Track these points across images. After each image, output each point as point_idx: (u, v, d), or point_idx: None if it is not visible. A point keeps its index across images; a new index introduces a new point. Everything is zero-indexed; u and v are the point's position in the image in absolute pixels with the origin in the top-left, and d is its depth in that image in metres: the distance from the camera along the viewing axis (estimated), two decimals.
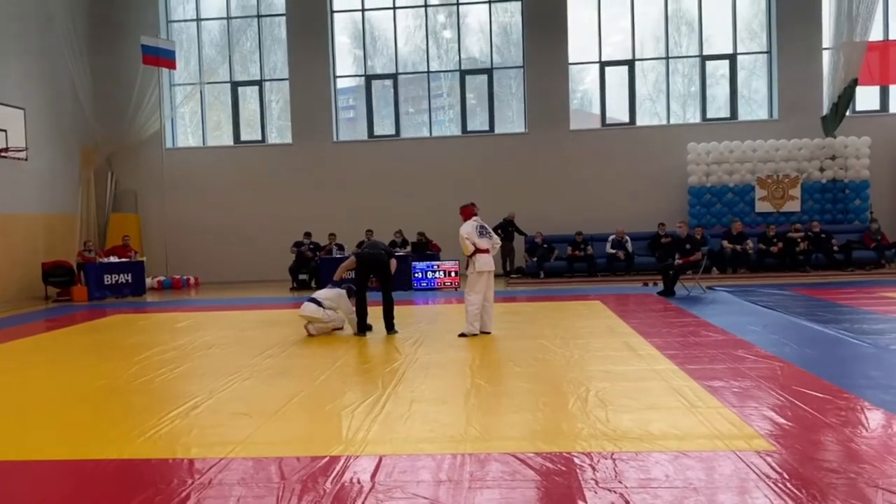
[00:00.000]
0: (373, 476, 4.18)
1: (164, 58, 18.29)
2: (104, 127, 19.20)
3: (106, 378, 7.22)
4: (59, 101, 18.08)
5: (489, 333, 9.08)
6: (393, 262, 9.64)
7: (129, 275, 16.44)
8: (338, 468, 4.32)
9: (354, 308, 9.50)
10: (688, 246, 13.01)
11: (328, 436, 5.04)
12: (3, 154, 14.17)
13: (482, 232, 9.10)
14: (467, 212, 9.31)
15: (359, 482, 4.09)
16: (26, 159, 15.10)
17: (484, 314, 9.05)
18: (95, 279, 15.90)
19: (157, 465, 4.54)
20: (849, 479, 3.91)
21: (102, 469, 4.51)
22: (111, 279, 16.14)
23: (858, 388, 5.84)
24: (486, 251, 9.04)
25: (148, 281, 17.31)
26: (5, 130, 14.18)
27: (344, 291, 9.77)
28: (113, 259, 16.48)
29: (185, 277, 18.52)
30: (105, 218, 19.60)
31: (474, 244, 8.97)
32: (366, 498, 3.86)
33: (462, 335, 8.94)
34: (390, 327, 9.47)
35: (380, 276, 9.54)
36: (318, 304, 9.53)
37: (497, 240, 9.46)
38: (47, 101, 17.49)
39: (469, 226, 9.07)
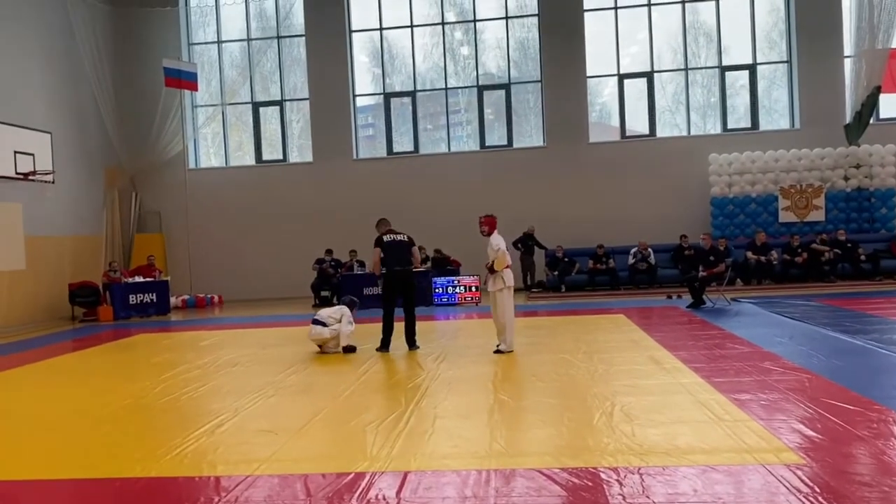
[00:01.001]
0: (398, 492, 4.17)
1: (185, 80, 18.55)
2: (128, 149, 19.50)
3: (132, 397, 7.29)
4: (84, 124, 18.41)
5: (512, 351, 8.95)
6: (416, 253, 9.63)
7: (154, 294, 16.62)
8: (363, 485, 4.31)
9: (352, 320, 9.62)
10: (712, 258, 12.90)
11: (353, 452, 5.03)
12: (30, 177, 14.42)
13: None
14: (493, 222, 9.06)
15: (384, 499, 4.08)
16: (53, 182, 15.36)
17: (508, 331, 8.89)
18: (121, 299, 16.09)
19: (183, 484, 4.56)
20: (882, 493, 3.83)
21: (129, 487, 4.54)
22: (136, 299, 16.32)
23: (889, 399, 5.73)
24: (509, 266, 8.92)
25: (172, 300, 17.47)
26: (33, 154, 14.43)
27: (345, 307, 9.83)
28: (138, 279, 16.68)
29: (209, 296, 18.68)
30: (130, 238, 19.85)
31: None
32: None
33: (502, 351, 8.76)
34: (412, 343, 9.45)
35: (406, 292, 9.51)
36: (323, 324, 9.57)
37: None
38: (73, 125, 17.81)
39: (502, 240, 8.89)
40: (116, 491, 4.51)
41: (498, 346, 8.88)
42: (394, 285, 9.47)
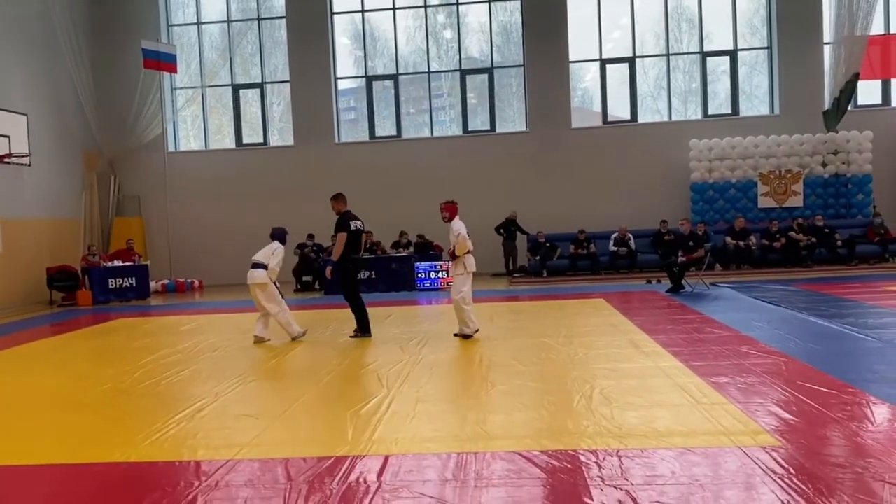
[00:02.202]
0: (379, 476, 4.19)
1: (165, 62, 18.30)
2: (106, 131, 19.25)
3: (111, 382, 7.24)
4: (62, 106, 18.12)
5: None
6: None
7: (134, 279, 16.49)
8: (344, 468, 4.33)
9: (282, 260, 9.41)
10: (691, 243, 13.00)
11: (334, 436, 5.04)
12: (6, 160, 14.19)
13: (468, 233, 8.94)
14: (455, 209, 9.07)
15: (365, 482, 4.10)
16: (29, 165, 15.13)
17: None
18: (100, 283, 15.95)
19: (163, 468, 4.55)
20: (856, 474, 3.91)
21: (110, 472, 4.52)
22: (115, 283, 16.18)
23: (864, 382, 5.83)
24: (470, 251, 8.90)
25: (152, 284, 17.33)
26: (8, 136, 14.19)
27: (276, 242, 9.53)
28: (117, 263, 16.52)
29: (189, 281, 18.55)
30: (109, 222, 19.64)
31: None
32: (372, 497, 3.87)
33: (465, 336, 8.82)
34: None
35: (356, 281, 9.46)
36: (263, 266, 9.32)
37: None
38: (50, 107, 17.53)
39: (464, 226, 8.90)
40: (96, 476, 4.49)
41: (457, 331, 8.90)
42: (355, 273, 9.46)
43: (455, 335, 8.92)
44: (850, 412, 5.04)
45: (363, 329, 9.37)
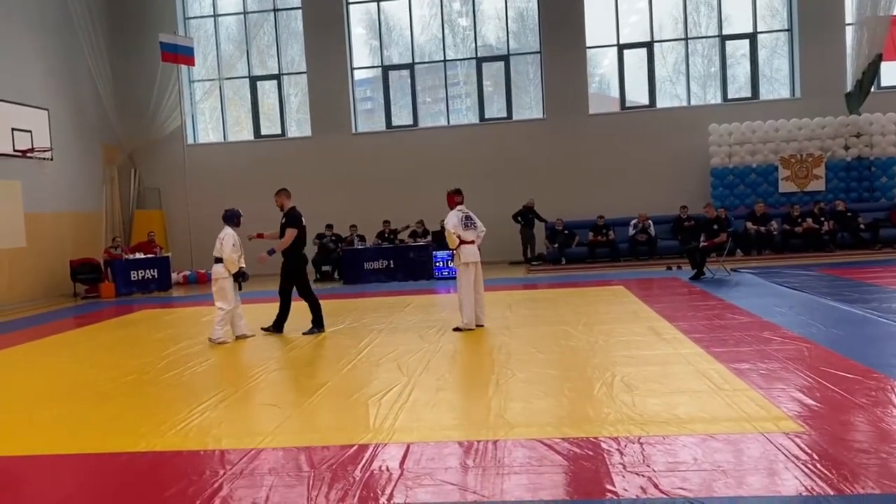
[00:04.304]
0: (401, 463, 4.22)
1: (182, 54, 18.38)
2: (126, 125, 19.42)
3: (136, 373, 7.34)
4: (81, 100, 18.29)
5: (482, 326, 8.82)
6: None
7: (156, 270, 16.66)
8: (366, 456, 4.36)
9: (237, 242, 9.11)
10: (715, 226, 12.90)
11: (356, 424, 5.08)
12: (28, 154, 14.36)
13: (467, 223, 8.83)
14: (452, 199, 8.99)
15: (388, 470, 4.13)
16: (51, 159, 15.29)
17: (476, 307, 8.80)
18: (122, 275, 16.13)
19: (188, 457, 4.61)
20: (880, 460, 3.88)
21: (136, 461, 4.59)
22: (138, 275, 16.36)
23: (888, 367, 5.77)
24: (472, 242, 8.83)
25: (174, 276, 17.49)
26: (30, 131, 14.36)
27: (226, 227, 9.22)
28: (139, 255, 16.69)
29: (210, 272, 18.65)
30: (130, 215, 19.83)
31: (459, 236, 8.75)
32: (395, 485, 3.90)
33: (457, 329, 8.69)
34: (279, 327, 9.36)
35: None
36: (220, 260, 9.01)
37: (482, 229, 9.01)
38: (69, 101, 17.70)
39: (454, 217, 8.82)
40: (122, 465, 4.55)
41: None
42: (303, 268, 9.44)
43: (454, 329, 8.75)
44: (874, 398, 5.00)
45: (318, 323, 9.29)
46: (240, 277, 9.10)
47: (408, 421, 5.08)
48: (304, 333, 9.13)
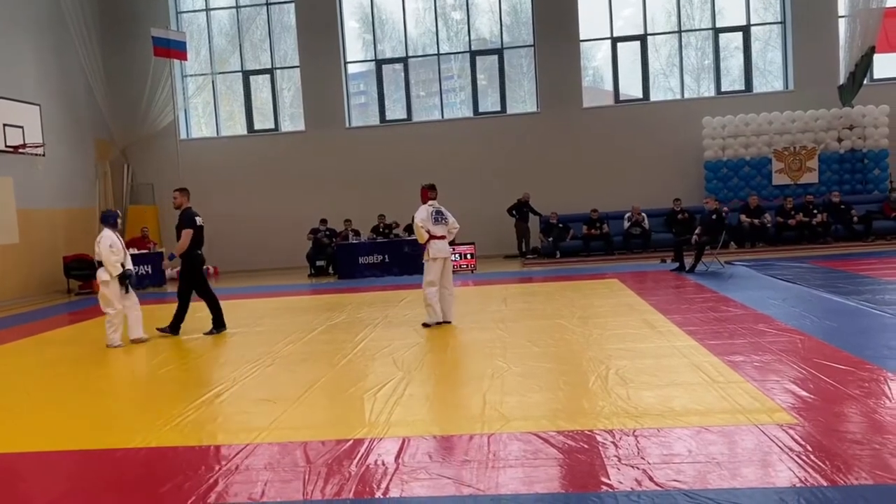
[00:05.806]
0: (397, 458, 4.22)
1: (174, 49, 18.25)
2: (118, 120, 19.33)
3: (130, 368, 7.33)
4: (74, 95, 18.19)
5: (449, 322, 8.76)
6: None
7: (149, 266, 16.62)
8: (362, 451, 4.37)
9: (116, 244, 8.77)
10: (714, 217, 12.94)
11: (352, 419, 5.09)
12: (20, 150, 14.28)
13: (437, 218, 8.78)
14: (424, 194, 8.95)
15: (383, 464, 4.14)
16: (43, 155, 15.21)
17: (442, 302, 8.72)
18: None
19: (184, 453, 4.61)
20: (873, 451, 3.90)
21: (131, 457, 4.59)
22: None
23: (881, 358, 5.80)
24: (443, 237, 8.78)
25: (168, 272, 17.43)
26: (22, 127, 14.28)
27: (104, 227, 8.75)
28: (133, 251, 16.58)
29: (204, 267, 18.60)
30: (123, 210, 19.74)
31: (428, 231, 8.69)
32: (391, 479, 3.91)
33: (425, 325, 8.67)
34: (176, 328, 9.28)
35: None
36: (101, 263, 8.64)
37: (455, 224, 8.93)
38: (61, 96, 17.59)
39: (423, 212, 8.78)
40: (117, 461, 4.55)
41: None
42: (200, 268, 9.43)
43: (423, 325, 8.71)
44: (867, 389, 5.02)
45: (218, 324, 9.27)
46: (126, 279, 8.78)
47: (403, 415, 5.08)
48: (204, 334, 9.09)
